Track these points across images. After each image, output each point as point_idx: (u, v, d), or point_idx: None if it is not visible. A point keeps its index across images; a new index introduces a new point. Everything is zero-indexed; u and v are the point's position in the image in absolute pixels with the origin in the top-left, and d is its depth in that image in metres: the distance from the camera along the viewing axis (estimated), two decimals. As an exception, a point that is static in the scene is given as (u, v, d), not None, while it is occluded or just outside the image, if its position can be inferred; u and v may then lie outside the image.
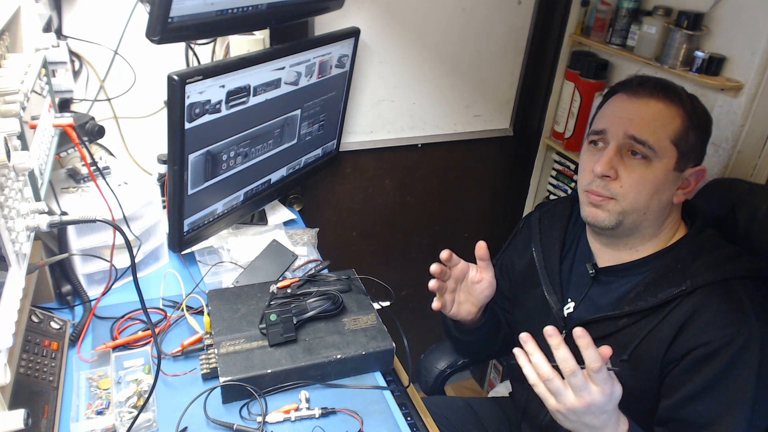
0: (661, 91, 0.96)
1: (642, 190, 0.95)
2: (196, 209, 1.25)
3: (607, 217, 0.98)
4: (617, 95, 1.01)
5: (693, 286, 0.91)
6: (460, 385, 2.47)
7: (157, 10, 0.94)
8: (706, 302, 0.90)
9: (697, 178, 0.99)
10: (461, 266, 1.10)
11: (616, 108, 0.99)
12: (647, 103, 0.96)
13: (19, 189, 0.79)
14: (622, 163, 0.96)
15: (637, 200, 0.96)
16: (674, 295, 0.92)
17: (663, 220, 1.00)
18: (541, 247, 1.15)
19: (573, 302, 1.08)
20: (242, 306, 1.16)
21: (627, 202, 0.96)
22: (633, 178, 0.95)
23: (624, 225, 0.98)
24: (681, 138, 0.94)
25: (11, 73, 0.80)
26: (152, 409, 0.95)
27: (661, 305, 0.93)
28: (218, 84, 1.11)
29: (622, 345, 0.96)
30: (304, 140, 1.50)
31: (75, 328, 1.13)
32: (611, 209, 0.98)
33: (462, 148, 1.96)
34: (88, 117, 1.23)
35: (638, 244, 1.02)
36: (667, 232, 1.01)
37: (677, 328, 0.91)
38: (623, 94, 0.99)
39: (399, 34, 1.66)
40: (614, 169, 0.96)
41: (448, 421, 1.28)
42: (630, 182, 0.95)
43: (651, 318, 0.94)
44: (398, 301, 1.31)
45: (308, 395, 1.03)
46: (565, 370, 0.81)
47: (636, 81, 0.99)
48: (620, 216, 0.97)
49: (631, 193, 0.96)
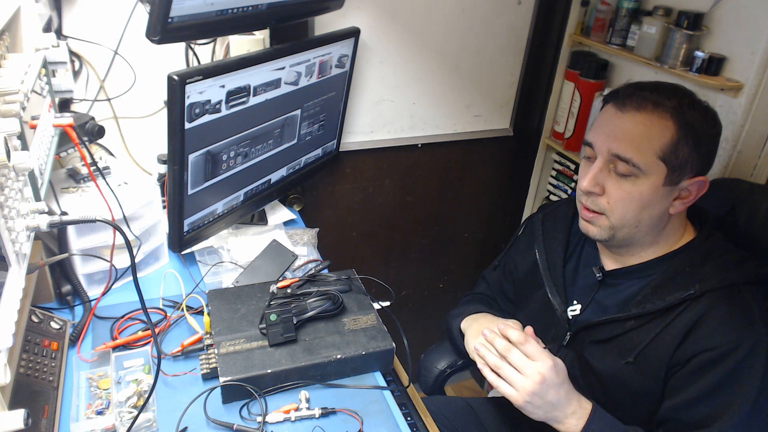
0: (650, 104, 0.92)
1: (629, 206, 0.94)
2: (196, 209, 1.25)
3: (598, 232, 0.99)
4: (607, 107, 0.98)
5: (701, 290, 0.90)
6: (460, 385, 2.47)
7: (157, 10, 0.94)
8: (713, 307, 0.89)
9: (699, 188, 0.95)
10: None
11: (604, 122, 0.97)
12: (633, 117, 0.92)
13: (19, 189, 0.79)
14: (609, 178, 0.95)
15: (625, 216, 0.95)
16: (682, 299, 0.91)
17: (660, 229, 0.99)
18: (544, 249, 1.15)
19: (580, 305, 1.07)
20: (242, 306, 1.16)
21: (615, 218, 0.96)
22: (619, 194, 0.94)
23: (617, 238, 0.98)
24: (670, 153, 0.91)
25: (11, 73, 0.80)
26: (152, 409, 0.95)
27: (669, 308, 0.92)
28: (218, 84, 1.11)
29: (629, 347, 0.95)
30: (304, 140, 1.50)
31: (75, 328, 1.13)
32: (601, 225, 0.98)
33: (462, 148, 1.96)
34: (88, 117, 1.23)
35: (639, 251, 1.01)
36: (669, 237, 1.00)
37: (685, 331, 0.90)
38: (612, 106, 0.96)
39: (399, 34, 1.66)
40: (600, 185, 0.96)
41: (448, 421, 1.28)
42: (616, 198, 0.95)
43: (658, 321, 0.93)
44: (398, 301, 1.31)
45: (308, 395, 1.03)
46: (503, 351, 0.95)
47: (624, 92, 0.96)
48: (611, 230, 0.97)
49: (617, 209, 0.95)
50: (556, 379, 0.93)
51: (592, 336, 1.01)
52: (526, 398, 0.92)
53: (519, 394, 0.93)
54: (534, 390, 0.92)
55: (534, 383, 0.91)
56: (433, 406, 1.24)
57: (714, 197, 1.14)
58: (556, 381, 0.93)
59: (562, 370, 0.95)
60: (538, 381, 0.91)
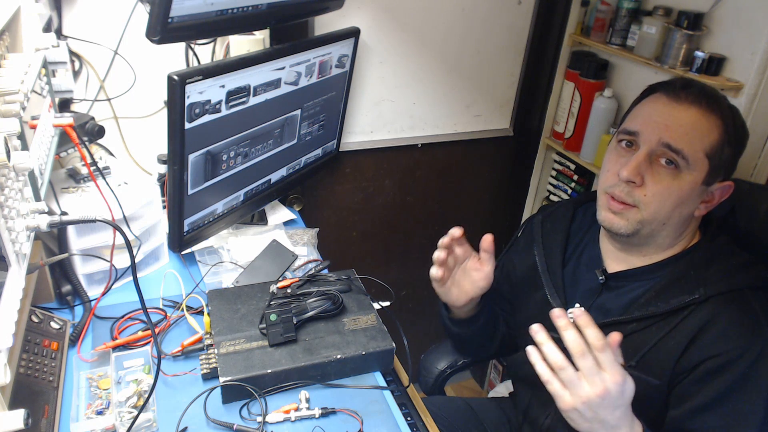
0: (704, 99, 0.91)
1: (666, 201, 0.91)
2: (196, 209, 1.25)
3: (625, 225, 0.95)
4: (656, 95, 0.95)
5: (706, 295, 0.89)
6: (460, 385, 2.47)
7: (157, 10, 0.94)
8: (719, 312, 0.88)
9: (722, 193, 0.95)
10: (465, 248, 1.09)
11: (654, 111, 0.94)
12: (688, 109, 0.91)
13: (19, 189, 0.79)
14: (650, 169, 0.92)
15: (659, 211, 0.92)
16: (686, 303, 0.90)
17: (681, 231, 0.97)
18: (543, 251, 1.14)
19: (582, 308, 1.05)
20: (242, 306, 1.16)
21: (648, 212, 0.93)
22: (659, 187, 0.91)
23: (640, 234, 0.95)
24: (716, 151, 0.90)
25: (11, 73, 0.80)
26: (152, 409, 0.95)
27: (673, 312, 0.91)
28: (218, 84, 1.11)
29: (631, 350, 0.94)
30: (304, 140, 1.50)
31: (75, 328, 1.13)
32: (631, 218, 0.94)
33: (462, 148, 1.96)
34: (88, 117, 1.23)
35: (652, 252, 0.99)
36: (682, 240, 0.99)
37: (690, 337, 0.88)
38: (663, 95, 0.94)
39: (399, 34, 1.66)
40: (641, 175, 0.92)
41: (448, 421, 1.28)
42: (655, 191, 0.91)
43: (662, 325, 0.92)
44: (398, 301, 1.31)
45: (308, 395, 1.03)
46: (575, 352, 0.78)
47: (680, 83, 0.93)
48: (638, 225, 0.94)
49: (654, 202, 0.92)
50: (618, 399, 0.80)
51: None
52: (578, 406, 0.79)
53: (571, 399, 0.80)
54: (590, 400, 0.78)
55: (594, 394, 0.78)
56: (433, 406, 1.24)
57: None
58: (617, 401, 0.80)
59: (629, 392, 0.81)
60: (599, 393, 0.78)
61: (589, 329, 0.77)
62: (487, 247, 1.07)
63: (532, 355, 0.83)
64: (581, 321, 0.78)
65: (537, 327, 0.82)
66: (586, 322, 0.78)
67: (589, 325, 0.78)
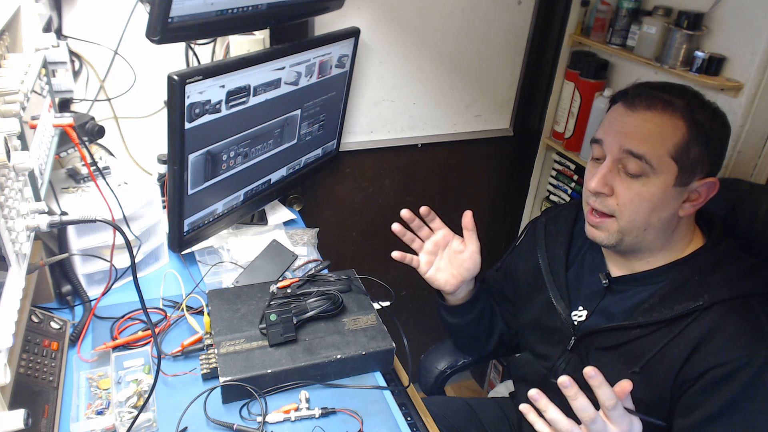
0: (660, 103, 0.91)
1: (639, 207, 0.92)
2: (196, 209, 1.25)
3: (605, 237, 0.97)
4: (616, 105, 0.96)
5: (710, 301, 0.88)
6: (460, 385, 2.47)
7: (157, 10, 0.94)
8: (724, 319, 0.87)
9: (709, 189, 0.94)
10: (445, 233, 1.14)
11: (614, 120, 0.95)
12: (644, 116, 0.91)
13: (19, 189, 0.79)
14: (618, 178, 0.93)
15: (634, 218, 0.93)
16: (690, 309, 0.89)
17: (670, 233, 0.96)
18: (546, 253, 1.13)
19: (585, 311, 1.05)
20: (242, 306, 1.16)
21: (624, 220, 0.94)
22: (629, 194, 0.92)
23: (625, 243, 0.96)
24: (681, 152, 0.89)
25: (11, 73, 0.80)
26: (152, 409, 0.95)
27: (677, 318, 0.90)
28: (218, 84, 1.11)
29: (634, 356, 0.93)
30: (304, 140, 1.50)
31: (75, 328, 1.13)
32: (609, 229, 0.96)
33: (462, 148, 1.96)
34: (88, 117, 1.23)
35: (648, 256, 0.99)
36: (679, 243, 0.98)
37: (693, 345, 0.88)
38: (621, 104, 0.95)
39: (399, 34, 1.66)
40: (609, 185, 0.93)
41: (448, 421, 1.28)
42: (625, 199, 0.92)
43: (665, 331, 0.91)
44: (398, 301, 1.31)
45: (308, 395, 1.03)
46: (585, 419, 0.79)
47: (633, 91, 0.94)
48: (619, 234, 0.95)
49: (627, 210, 0.93)
50: None
51: (597, 342, 0.99)
52: None
53: None
54: None
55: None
56: (433, 406, 1.24)
57: (714, 198, 1.14)
58: None
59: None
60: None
61: (603, 389, 0.79)
62: (467, 224, 1.12)
63: (530, 415, 0.85)
64: (594, 382, 0.78)
65: (536, 394, 0.82)
66: (599, 382, 0.78)
67: (602, 386, 0.78)
